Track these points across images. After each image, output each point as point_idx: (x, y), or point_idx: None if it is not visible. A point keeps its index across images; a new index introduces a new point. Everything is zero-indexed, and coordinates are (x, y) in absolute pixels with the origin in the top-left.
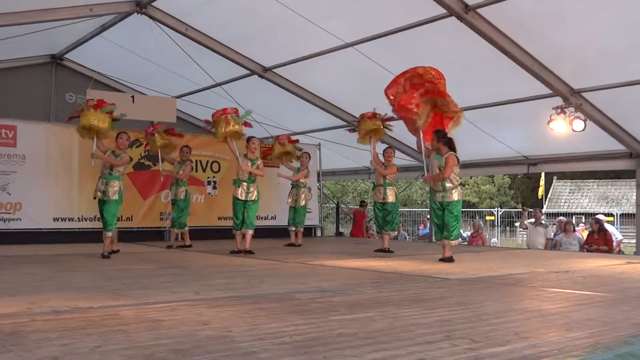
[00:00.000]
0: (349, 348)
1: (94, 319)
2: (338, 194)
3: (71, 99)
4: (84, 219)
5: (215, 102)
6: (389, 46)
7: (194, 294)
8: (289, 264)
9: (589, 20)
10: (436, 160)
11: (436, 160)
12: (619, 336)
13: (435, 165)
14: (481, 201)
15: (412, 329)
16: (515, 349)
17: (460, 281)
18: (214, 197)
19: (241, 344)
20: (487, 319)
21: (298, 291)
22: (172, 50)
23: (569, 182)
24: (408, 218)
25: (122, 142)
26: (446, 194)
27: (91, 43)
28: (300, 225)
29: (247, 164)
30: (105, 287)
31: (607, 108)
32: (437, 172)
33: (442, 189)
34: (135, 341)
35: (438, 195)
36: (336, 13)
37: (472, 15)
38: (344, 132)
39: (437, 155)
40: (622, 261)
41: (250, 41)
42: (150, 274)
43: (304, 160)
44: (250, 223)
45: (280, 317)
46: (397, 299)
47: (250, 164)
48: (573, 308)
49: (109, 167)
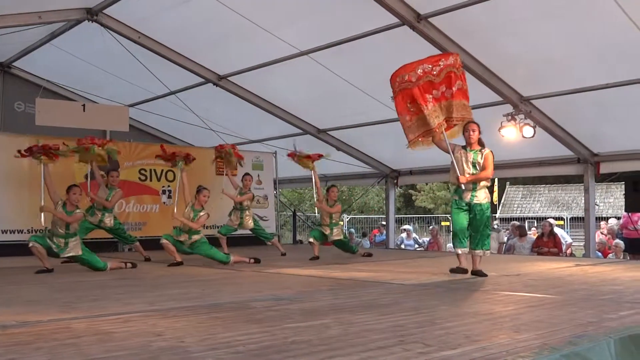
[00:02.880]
0: (303, 355)
1: (43, 332)
2: (295, 201)
3: (20, 108)
4: (33, 230)
5: (169, 111)
6: (343, 54)
7: (148, 305)
8: (245, 273)
9: (538, 29)
10: (470, 154)
11: (470, 154)
12: (565, 337)
13: (466, 161)
14: (437, 207)
15: (366, 335)
16: (466, 352)
17: (415, 286)
18: (169, 206)
19: (195, 354)
20: (440, 323)
21: (253, 299)
22: (124, 58)
23: (522, 188)
24: (365, 225)
25: (74, 198)
26: (476, 193)
27: (40, 51)
28: (270, 237)
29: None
30: (55, 299)
31: (555, 115)
32: (467, 169)
33: (472, 187)
34: (87, 354)
35: (467, 194)
36: (290, 22)
37: (423, 24)
38: (301, 139)
39: (473, 149)
40: (572, 264)
41: (204, 49)
42: (103, 285)
43: (247, 182)
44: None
45: (234, 326)
46: (352, 305)
47: (193, 214)
48: (523, 310)
49: (63, 226)
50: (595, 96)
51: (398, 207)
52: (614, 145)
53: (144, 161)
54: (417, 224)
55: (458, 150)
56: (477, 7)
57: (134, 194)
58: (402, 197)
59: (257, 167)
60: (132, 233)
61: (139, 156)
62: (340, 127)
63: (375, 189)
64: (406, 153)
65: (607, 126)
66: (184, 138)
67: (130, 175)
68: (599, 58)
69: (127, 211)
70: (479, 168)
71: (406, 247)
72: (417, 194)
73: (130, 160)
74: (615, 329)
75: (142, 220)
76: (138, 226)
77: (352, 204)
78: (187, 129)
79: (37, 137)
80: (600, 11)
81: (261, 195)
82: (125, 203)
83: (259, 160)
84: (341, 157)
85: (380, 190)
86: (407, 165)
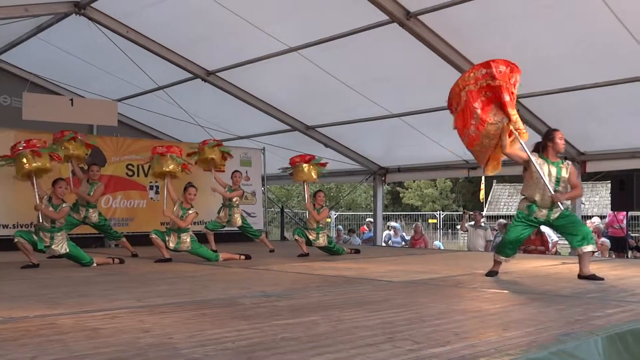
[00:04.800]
0: (292, 352)
1: (29, 328)
2: (283, 198)
3: (6, 102)
4: (19, 225)
5: (157, 106)
6: (333, 51)
7: (135, 301)
8: (233, 269)
9: (526, 28)
10: (552, 168)
11: (552, 168)
12: (553, 334)
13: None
14: (424, 204)
15: (354, 332)
16: (455, 349)
17: (403, 283)
18: (157, 202)
19: (183, 351)
20: (429, 320)
21: (242, 296)
22: (112, 53)
23: (508, 185)
24: (352, 222)
25: (60, 192)
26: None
27: (27, 44)
28: (258, 234)
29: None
30: (42, 295)
31: (541, 113)
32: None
33: (550, 206)
34: (73, 351)
35: (542, 212)
36: (280, 18)
37: (413, 22)
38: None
39: (553, 161)
40: (558, 262)
41: (193, 44)
42: (90, 281)
43: (236, 179)
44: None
45: (223, 323)
46: (341, 302)
47: (181, 213)
48: (511, 308)
49: (50, 220)
50: (582, 95)
51: (386, 205)
52: (600, 144)
53: (131, 156)
54: (404, 221)
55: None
56: (466, 5)
57: (121, 190)
58: (389, 195)
59: (245, 163)
60: (119, 229)
61: (126, 151)
62: (328, 124)
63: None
64: (394, 150)
65: (593, 125)
66: (172, 133)
67: (118, 170)
68: (587, 58)
69: (114, 207)
70: (563, 185)
71: (393, 244)
72: (404, 191)
73: (118, 155)
74: (602, 326)
75: (129, 216)
76: (125, 222)
77: (340, 201)
78: (175, 124)
79: (24, 131)
80: (588, 11)
81: (249, 191)
82: (112, 198)
83: (247, 157)
84: (329, 154)
85: (368, 188)
86: (395, 162)
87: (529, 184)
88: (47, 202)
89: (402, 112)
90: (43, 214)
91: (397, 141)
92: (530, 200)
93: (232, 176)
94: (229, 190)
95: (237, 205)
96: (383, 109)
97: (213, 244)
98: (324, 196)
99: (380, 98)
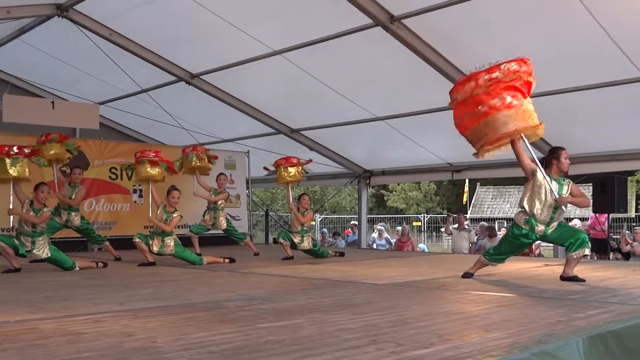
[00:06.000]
0: (276, 355)
1: (10, 333)
2: (267, 201)
3: None
4: (0, 229)
5: (141, 109)
6: (317, 54)
7: (118, 305)
8: (217, 273)
9: (509, 32)
10: (554, 184)
11: (554, 184)
12: (535, 335)
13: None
14: (408, 207)
15: (339, 334)
16: (438, 351)
17: (388, 286)
18: (140, 205)
19: (167, 355)
20: (413, 322)
21: (226, 300)
22: (95, 55)
23: (492, 188)
24: (337, 225)
25: (42, 196)
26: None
27: (9, 46)
28: (242, 237)
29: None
30: (23, 300)
31: None
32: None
33: (549, 220)
34: (55, 355)
35: (540, 227)
36: (264, 20)
37: (397, 25)
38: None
39: (556, 178)
40: (541, 264)
41: (176, 47)
42: (72, 285)
43: (221, 182)
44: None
45: (207, 326)
46: (325, 305)
47: (165, 216)
48: (493, 310)
49: (30, 224)
50: (564, 99)
51: (370, 207)
52: (582, 147)
53: (114, 160)
54: (388, 224)
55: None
56: (449, 10)
57: (104, 193)
58: (374, 197)
59: (230, 166)
60: (102, 232)
61: (109, 154)
62: (313, 127)
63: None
64: (379, 153)
65: (575, 128)
66: (155, 136)
67: (101, 173)
68: (568, 62)
69: (97, 210)
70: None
71: (378, 247)
72: (389, 194)
73: (101, 159)
74: (583, 328)
75: (112, 220)
76: (108, 225)
77: (325, 204)
78: (158, 128)
79: (4, 134)
80: (568, 15)
81: (233, 194)
82: (96, 202)
83: (231, 160)
84: (314, 157)
85: (352, 190)
86: (379, 165)
87: (529, 195)
88: (29, 207)
89: (386, 115)
90: (23, 218)
91: (382, 144)
92: (529, 214)
93: (217, 179)
94: (214, 193)
95: (222, 208)
96: (367, 112)
97: (197, 248)
98: (309, 199)
99: (364, 101)
